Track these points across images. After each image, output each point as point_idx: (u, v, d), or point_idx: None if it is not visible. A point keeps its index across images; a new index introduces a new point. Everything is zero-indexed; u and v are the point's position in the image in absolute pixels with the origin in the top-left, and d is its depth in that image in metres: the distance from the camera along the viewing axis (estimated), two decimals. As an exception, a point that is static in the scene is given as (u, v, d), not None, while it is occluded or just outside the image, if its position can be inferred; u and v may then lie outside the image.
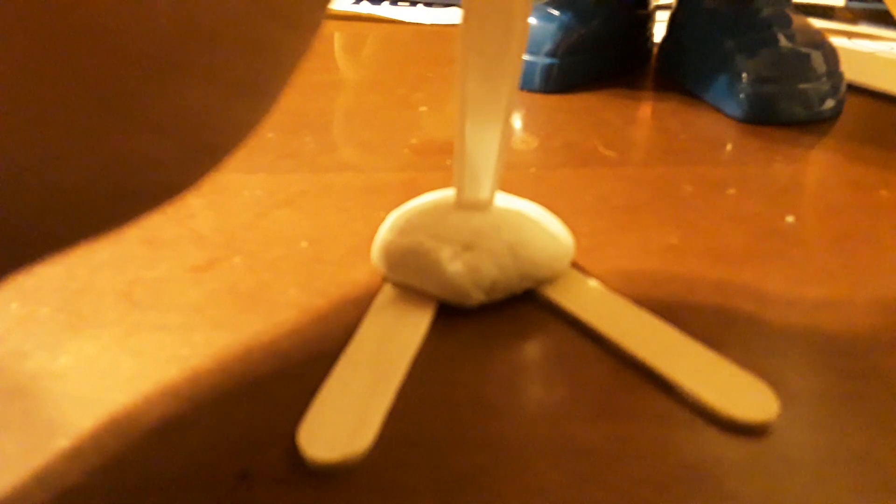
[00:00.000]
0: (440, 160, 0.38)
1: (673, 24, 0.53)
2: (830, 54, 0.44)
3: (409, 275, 0.25)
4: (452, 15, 0.75)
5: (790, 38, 0.44)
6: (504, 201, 0.27)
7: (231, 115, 0.14)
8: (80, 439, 0.20)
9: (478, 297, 0.24)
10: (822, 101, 0.44)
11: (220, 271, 0.28)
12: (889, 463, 0.19)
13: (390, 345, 0.23)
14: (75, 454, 0.19)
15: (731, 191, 0.35)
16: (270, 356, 0.23)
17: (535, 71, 0.49)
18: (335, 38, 0.66)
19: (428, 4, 0.79)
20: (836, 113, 0.45)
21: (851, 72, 0.47)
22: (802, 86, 0.43)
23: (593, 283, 0.26)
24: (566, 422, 0.21)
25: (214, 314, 0.25)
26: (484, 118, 0.24)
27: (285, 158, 0.38)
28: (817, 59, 0.44)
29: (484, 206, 0.26)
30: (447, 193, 0.27)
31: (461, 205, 0.26)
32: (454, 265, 0.24)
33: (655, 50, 0.57)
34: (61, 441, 0.20)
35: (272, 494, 0.18)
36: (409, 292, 0.25)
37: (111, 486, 0.19)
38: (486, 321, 0.25)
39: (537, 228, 0.26)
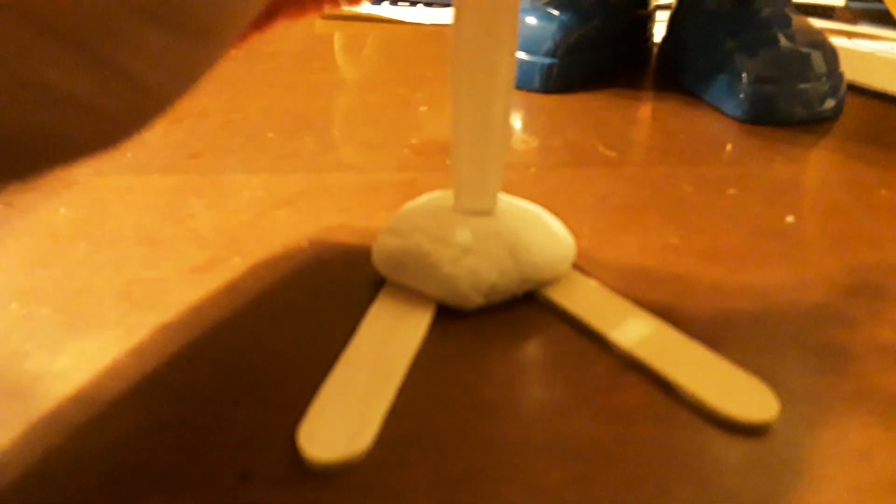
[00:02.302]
0: (440, 160, 0.38)
1: (673, 24, 0.53)
2: (830, 54, 0.44)
3: (408, 277, 0.25)
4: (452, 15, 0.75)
5: (790, 38, 0.44)
6: (504, 202, 0.27)
7: (152, 46, 0.13)
8: (79, 439, 0.20)
9: (476, 300, 0.24)
10: (822, 101, 0.44)
11: (220, 271, 0.28)
12: (889, 463, 0.19)
13: (390, 345, 0.23)
14: (75, 454, 0.19)
15: (731, 191, 0.35)
16: (270, 356, 0.23)
17: (534, 71, 0.49)
18: (335, 38, 0.66)
19: (428, 4, 0.79)
20: (836, 113, 0.45)
21: (851, 72, 0.47)
22: (802, 86, 0.43)
23: (593, 283, 0.26)
24: (566, 422, 0.21)
25: (214, 314, 0.25)
26: (479, 122, 0.24)
27: (285, 158, 0.38)
28: (817, 59, 0.44)
29: (485, 213, 0.26)
30: (447, 193, 0.27)
31: (461, 212, 0.26)
32: (453, 268, 0.24)
33: (655, 50, 0.57)
34: (61, 441, 0.20)
35: (272, 494, 0.18)
36: (409, 293, 0.25)
37: (111, 486, 0.19)
38: (486, 321, 0.25)
39: (538, 231, 0.26)
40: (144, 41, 0.13)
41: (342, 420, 0.20)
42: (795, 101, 0.43)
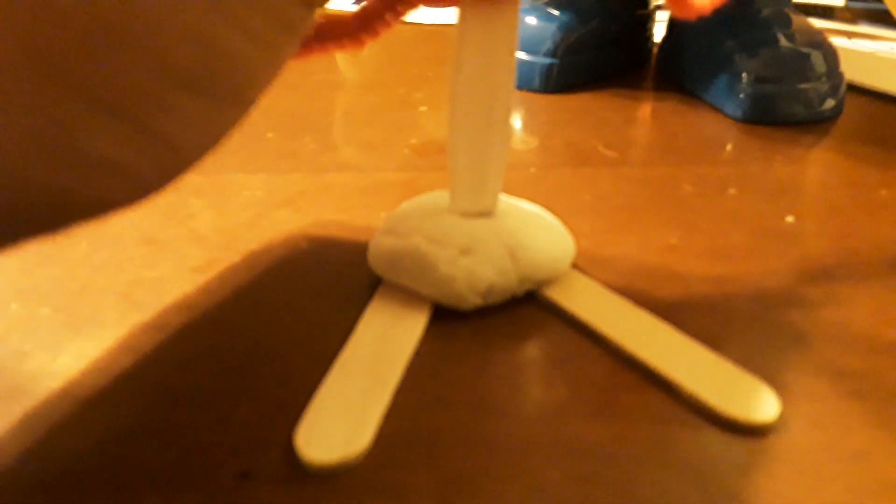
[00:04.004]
0: (440, 160, 0.38)
1: (673, 24, 0.53)
2: (830, 54, 0.44)
3: (404, 277, 0.25)
4: (452, 15, 0.75)
5: (790, 38, 0.44)
6: (502, 202, 0.27)
7: (187, 111, 0.14)
8: (79, 439, 0.20)
9: (474, 300, 0.24)
10: (822, 101, 0.44)
11: (220, 271, 0.28)
12: (889, 463, 0.19)
13: (387, 345, 0.23)
14: (75, 454, 0.19)
15: (731, 191, 0.35)
16: (270, 356, 0.23)
17: (534, 71, 0.49)
18: (335, 38, 0.65)
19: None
20: (836, 113, 0.45)
21: (851, 72, 0.47)
22: (802, 86, 0.43)
23: (593, 283, 0.26)
24: (566, 421, 0.21)
25: (214, 314, 0.25)
26: (479, 124, 0.25)
27: (285, 158, 0.38)
28: (817, 59, 0.44)
29: (485, 215, 0.26)
30: (444, 193, 0.27)
31: (459, 213, 0.26)
32: (450, 269, 0.24)
33: (655, 50, 0.57)
34: (60, 441, 0.20)
35: (272, 494, 0.18)
36: (406, 294, 0.25)
37: (111, 486, 0.19)
38: (485, 321, 0.25)
39: (537, 230, 0.26)
40: (182, 108, 0.14)
41: (339, 421, 0.20)
42: (795, 101, 0.43)
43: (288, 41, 0.16)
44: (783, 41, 0.44)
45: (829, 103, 0.44)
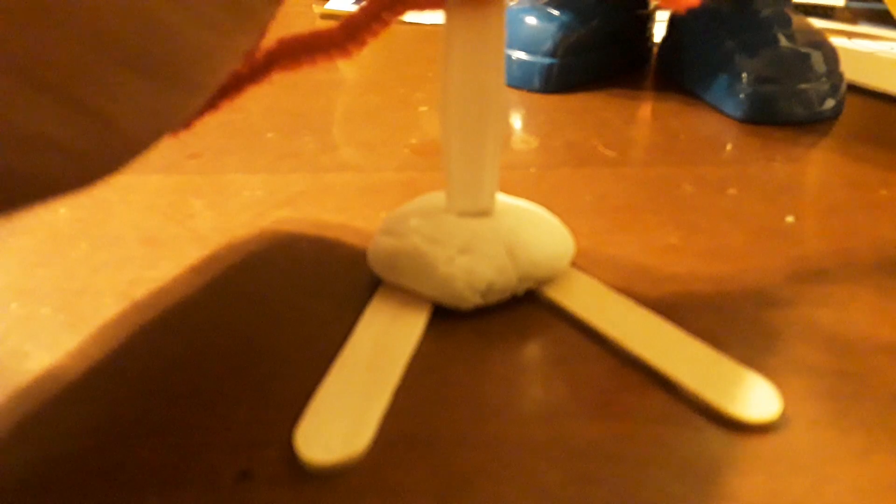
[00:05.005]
0: (440, 160, 0.38)
1: (673, 24, 0.53)
2: (830, 54, 0.44)
3: (403, 277, 0.25)
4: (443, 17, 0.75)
5: (790, 38, 0.44)
6: (502, 201, 0.27)
7: (129, 92, 0.14)
8: (79, 439, 0.20)
9: (473, 299, 0.24)
10: (822, 101, 0.44)
11: (220, 271, 0.28)
12: (889, 463, 0.19)
13: (387, 345, 0.23)
14: (74, 454, 0.19)
15: (731, 191, 0.35)
16: (270, 356, 0.23)
17: (534, 71, 0.49)
18: (335, 38, 0.65)
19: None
20: (836, 113, 0.45)
21: (851, 72, 0.47)
22: (802, 86, 0.43)
23: (593, 282, 0.26)
24: (566, 421, 0.21)
25: (214, 314, 0.25)
26: (470, 125, 0.25)
27: (285, 158, 0.38)
28: (817, 59, 0.44)
29: (483, 214, 0.26)
30: (443, 194, 0.27)
31: (456, 213, 0.26)
32: (449, 268, 0.24)
33: (655, 50, 0.57)
34: (60, 441, 0.20)
35: (272, 494, 0.18)
36: (406, 294, 0.25)
37: (110, 485, 0.19)
38: (484, 321, 0.25)
39: (536, 228, 0.26)
40: (123, 88, 0.13)
41: (339, 422, 0.20)
42: (795, 101, 0.43)
43: (245, 28, 0.16)
44: (783, 41, 0.44)
45: (829, 103, 0.44)
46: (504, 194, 0.28)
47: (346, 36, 0.23)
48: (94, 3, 0.12)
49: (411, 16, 0.24)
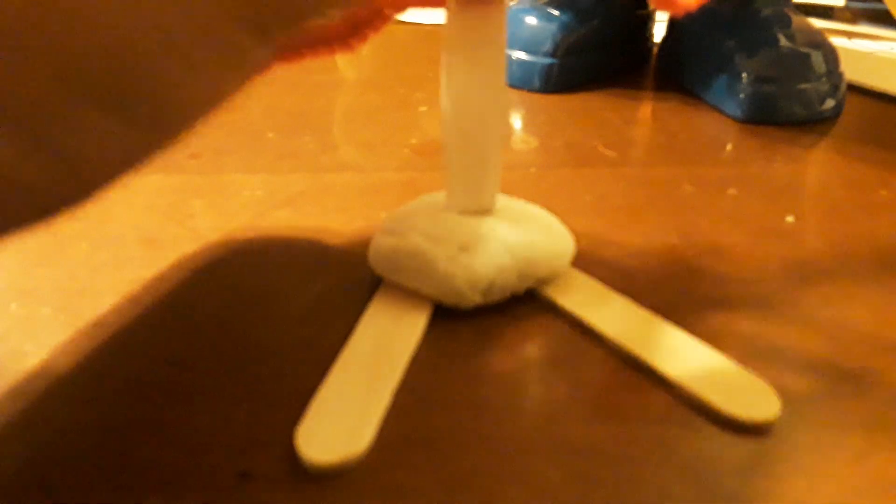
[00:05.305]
0: (440, 160, 0.38)
1: (673, 24, 0.53)
2: (830, 54, 0.44)
3: (404, 276, 0.25)
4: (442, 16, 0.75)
5: (790, 38, 0.44)
6: (502, 200, 0.27)
7: (97, 131, 0.13)
8: (79, 439, 0.20)
9: (474, 298, 0.24)
10: (822, 101, 0.44)
11: (220, 271, 0.28)
12: (889, 463, 0.19)
13: (388, 345, 0.23)
14: (75, 454, 0.19)
15: (731, 191, 0.35)
16: (270, 356, 0.23)
17: (534, 71, 0.49)
18: (335, 38, 0.65)
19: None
20: (836, 113, 0.45)
21: (851, 72, 0.47)
22: (802, 86, 0.43)
23: (593, 282, 0.26)
24: (566, 421, 0.21)
25: (214, 314, 0.25)
26: (471, 125, 0.25)
27: (285, 158, 0.38)
28: (817, 59, 0.44)
29: (484, 213, 0.26)
30: (444, 194, 0.27)
31: (457, 212, 0.26)
32: (449, 266, 0.24)
33: (655, 50, 0.57)
34: (60, 441, 0.20)
35: (272, 494, 0.18)
36: (406, 293, 0.25)
37: (111, 486, 0.19)
38: (484, 321, 0.25)
39: (536, 227, 0.26)
40: (89, 126, 0.13)
41: (340, 422, 0.20)
42: (795, 101, 0.43)
43: (232, 75, 0.15)
44: (783, 41, 0.44)
45: (829, 103, 0.44)
46: (504, 194, 0.28)
47: (349, 30, 0.23)
48: (65, 39, 0.11)
49: (411, 15, 0.24)
